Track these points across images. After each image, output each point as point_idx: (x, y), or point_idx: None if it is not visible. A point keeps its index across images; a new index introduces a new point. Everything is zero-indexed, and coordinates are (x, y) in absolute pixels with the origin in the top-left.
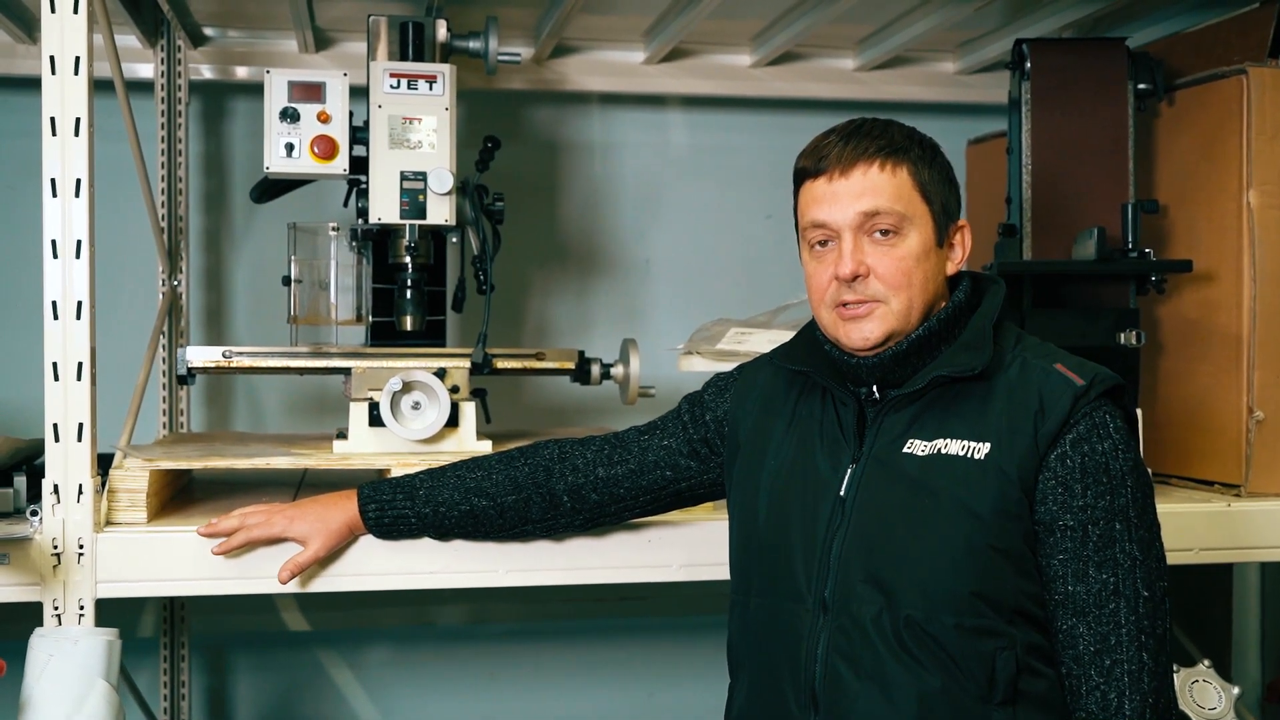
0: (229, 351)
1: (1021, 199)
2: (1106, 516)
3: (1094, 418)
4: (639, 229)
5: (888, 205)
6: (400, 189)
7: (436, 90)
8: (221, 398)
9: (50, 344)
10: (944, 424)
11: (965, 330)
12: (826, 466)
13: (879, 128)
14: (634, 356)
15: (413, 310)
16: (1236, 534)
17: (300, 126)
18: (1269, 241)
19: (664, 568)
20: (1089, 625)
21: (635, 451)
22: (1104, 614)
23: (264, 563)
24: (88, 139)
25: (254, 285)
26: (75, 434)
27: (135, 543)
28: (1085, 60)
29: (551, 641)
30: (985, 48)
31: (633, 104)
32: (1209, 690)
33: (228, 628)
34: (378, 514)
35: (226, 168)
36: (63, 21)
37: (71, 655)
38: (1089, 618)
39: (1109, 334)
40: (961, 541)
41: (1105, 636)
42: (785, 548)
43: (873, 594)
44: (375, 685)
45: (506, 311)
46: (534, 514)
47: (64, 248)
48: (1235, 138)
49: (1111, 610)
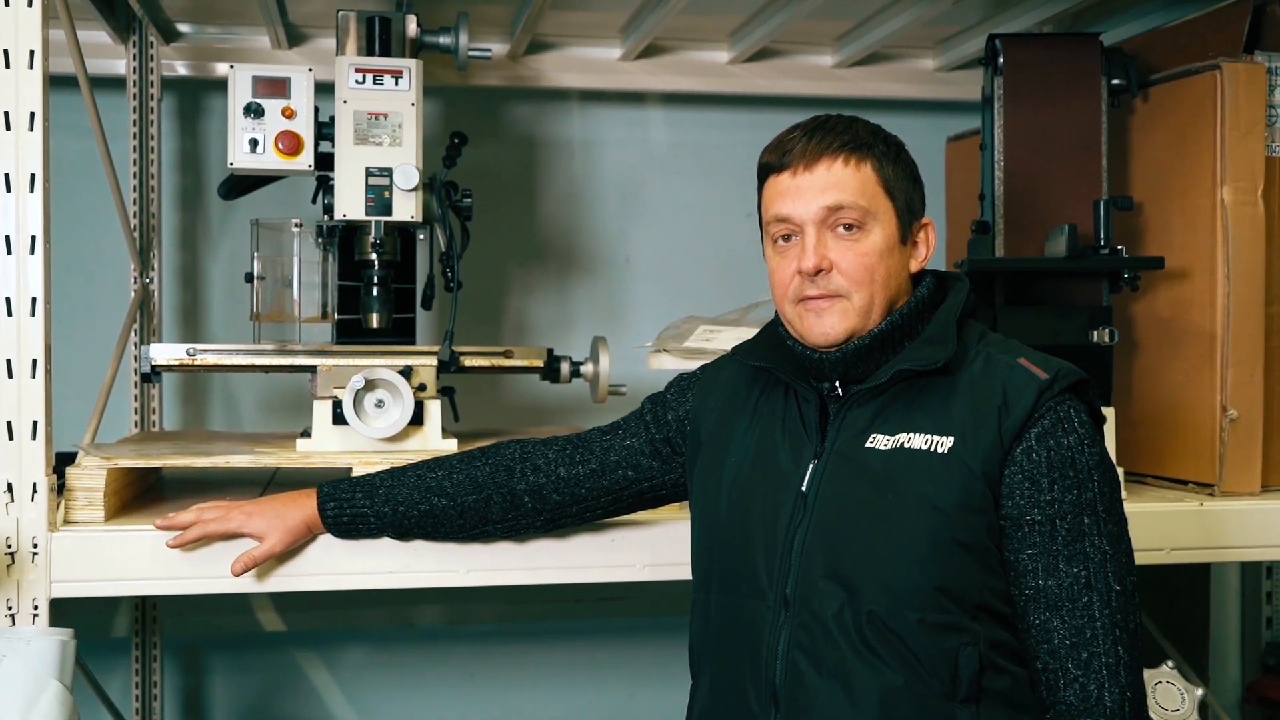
0: (193, 349)
1: (994, 195)
2: (1074, 511)
3: (1058, 412)
4: (618, 226)
5: (851, 200)
6: (366, 185)
7: (403, 85)
8: (196, 396)
9: (4, 341)
10: (907, 419)
11: (928, 325)
12: (788, 462)
13: (843, 124)
14: (604, 354)
15: (379, 308)
16: (1209, 533)
17: (265, 122)
18: (1242, 238)
19: (628, 568)
20: (1062, 619)
21: (597, 451)
22: (1077, 607)
23: (222, 561)
24: (42, 134)
25: (229, 283)
26: (30, 432)
27: (91, 542)
28: (1058, 56)
29: (530, 642)
30: (964, 44)
31: (611, 101)
32: (1172, 691)
33: (202, 628)
34: (337, 512)
35: (201, 165)
36: (16, 14)
37: (24, 656)
38: (1062, 611)
39: (1082, 332)
40: (925, 536)
41: (1080, 630)
42: (746, 544)
43: (834, 589)
44: (353, 686)
45: (485, 310)
46: (495, 514)
47: (18, 243)
48: (1209, 134)
49: (1085, 604)
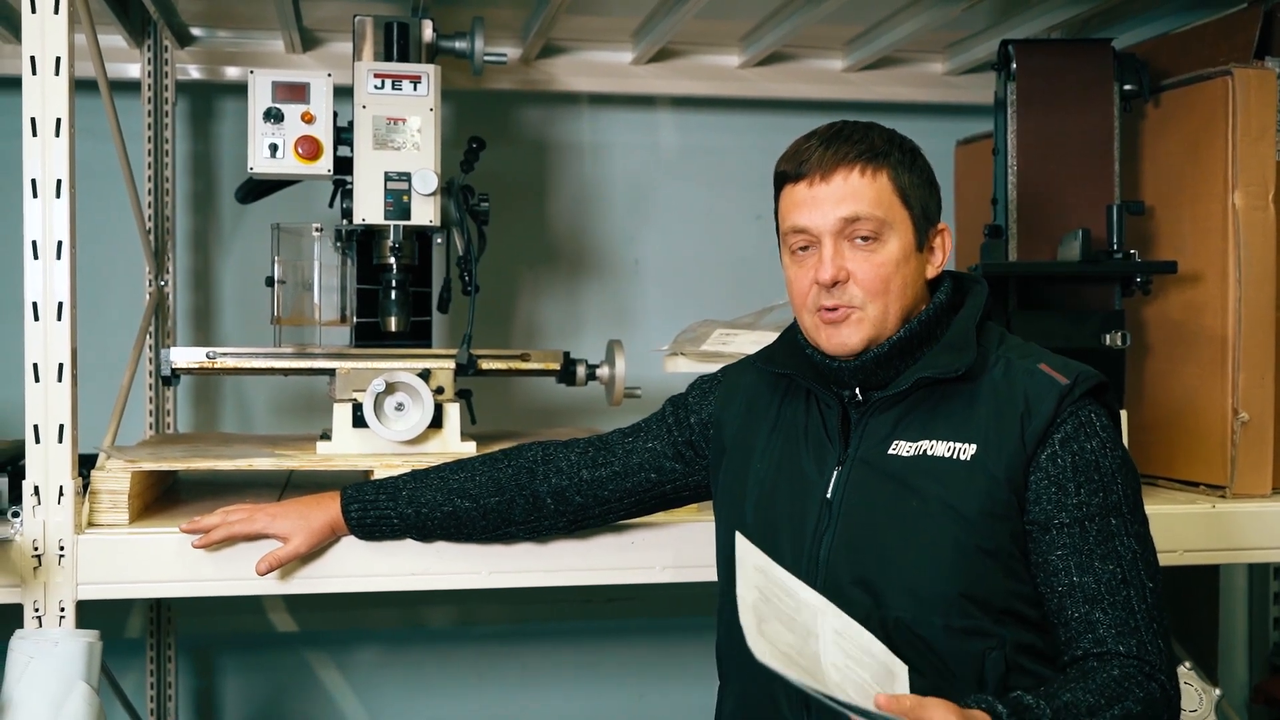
0: (213, 352)
1: (1007, 200)
2: (1102, 513)
3: (1080, 416)
4: (628, 229)
5: (868, 211)
6: (385, 190)
7: (421, 91)
8: (209, 398)
9: (31, 345)
10: (929, 426)
11: (948, 331)
12: (812, 469)
13: (859, 132)
14: (619, 357)
15: (397, 311)
16: (1222, 535)
17: (284, 127)
18: (1254, 243)
19: (647, 569)
20: (1105, 611)
21: (620, 454)
22: (1117, 600)
23: (246, 563)
24: (68, 140)
25: (241, 286)
26: (56, 435)
27: (116, 544)
28: (1071, 61)
29: (540, 643)
30: (973, 48)
31: (621, 104)
32: (1190, 692)
33: (215, 629)
34: (360, 514)
35: (214, 168)
36: (43, 21)
37: (51, 657)
38: (1103, 603)
39: (1094, 335)
40: (948, 543)
41: (1124, 621)
42: (773, 550)
43: (861, 596)
44: (363, 686)
45: (495, 312)
46: (517, 516)
47: (44, 249)
48: (1221, 139)
49: (1124, 598)
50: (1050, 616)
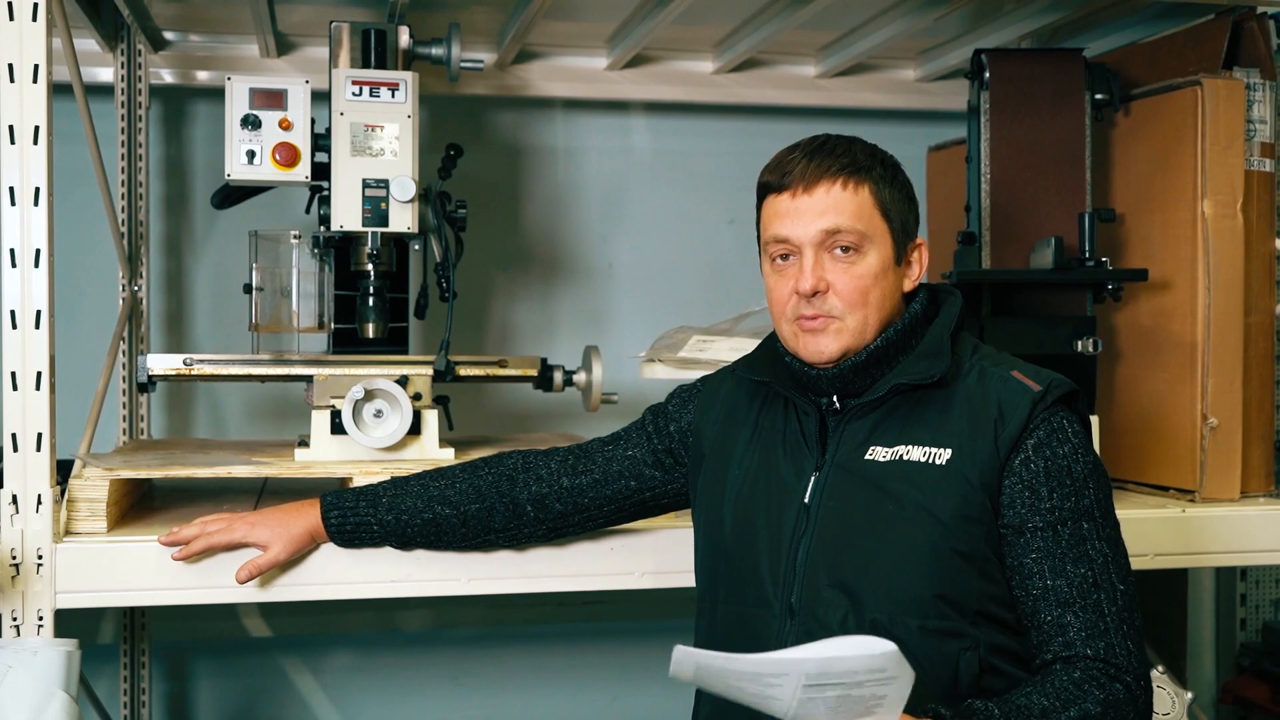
0: (190, 359)
1: (980, 207)
2: (1074, 517)
3: (1052, 423)
4: (602, 234)
5: (849, 224)
6: (362, 196)
7: (399, 97)
8: (182, 404)
9: (9, 353)
10: (905, 431)
11: (923, 340)
12: (790, 474)
13: (842, 145)
14: (596, 364)
15: (375, 317)
16: (1191, 539)
17: (262, 133)
18: (1222, 251)
19: (626, 575)
20: (1076, 614)
21: (599, 462)
22: (1089, 604)
23: (226, 572)
24: (46, 147)
25: (215, 290)
26: (34, 444)
27: (95, 552)
28: (1043, 70)
29: (515, 646)
30: (945, 55)
31: (596, 110)
32: (1162, 695)
33: (189, 634)
34: (340, 521)
35: (187, 172)
36: (21, 29)
37: (30, 666)
38: (1075, 607)
39: (1066, 342)
40: (925, 546)
41: (1094, 624)
42: (751, 555)
43: (838, 598)
44: (338, 690)
45: (469, 316)
46: (497, 523)
47: (22, 257)
48: (1190, 148)
49: (1094, 601)
50: (1024, 619)
